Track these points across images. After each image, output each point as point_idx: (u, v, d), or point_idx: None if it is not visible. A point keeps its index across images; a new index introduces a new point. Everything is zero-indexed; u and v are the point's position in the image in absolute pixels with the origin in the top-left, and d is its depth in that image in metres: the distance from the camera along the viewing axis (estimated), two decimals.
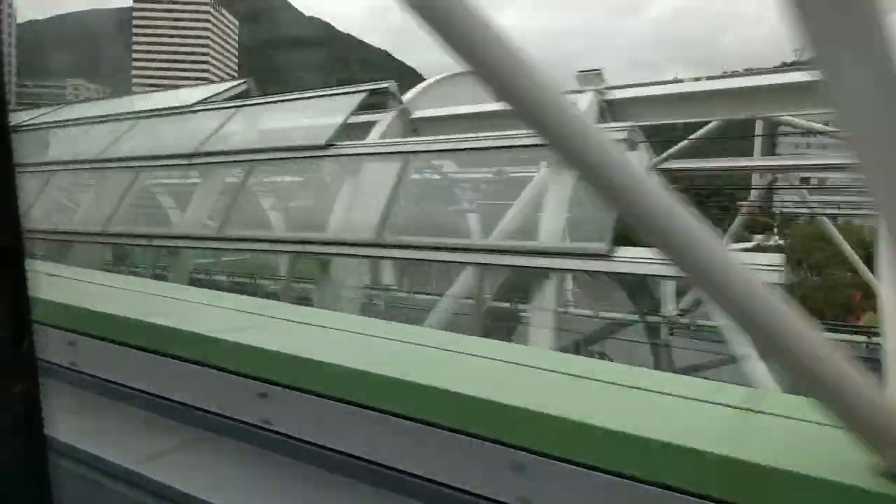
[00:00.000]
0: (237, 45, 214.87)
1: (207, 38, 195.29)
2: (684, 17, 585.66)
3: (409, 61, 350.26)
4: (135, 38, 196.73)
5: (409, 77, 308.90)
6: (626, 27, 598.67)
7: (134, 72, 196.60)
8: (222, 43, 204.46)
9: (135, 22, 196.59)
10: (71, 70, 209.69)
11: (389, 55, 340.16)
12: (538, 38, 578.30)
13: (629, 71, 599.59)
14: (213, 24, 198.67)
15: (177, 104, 11.79)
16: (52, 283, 2.49)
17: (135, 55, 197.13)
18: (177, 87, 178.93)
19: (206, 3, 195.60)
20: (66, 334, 1.95)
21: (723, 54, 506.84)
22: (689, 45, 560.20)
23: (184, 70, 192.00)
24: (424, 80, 12.32)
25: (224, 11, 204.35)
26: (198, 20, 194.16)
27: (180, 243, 9.47)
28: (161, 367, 1.77)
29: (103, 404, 1.86)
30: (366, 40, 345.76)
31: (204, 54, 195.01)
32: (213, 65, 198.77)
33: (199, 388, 1.71)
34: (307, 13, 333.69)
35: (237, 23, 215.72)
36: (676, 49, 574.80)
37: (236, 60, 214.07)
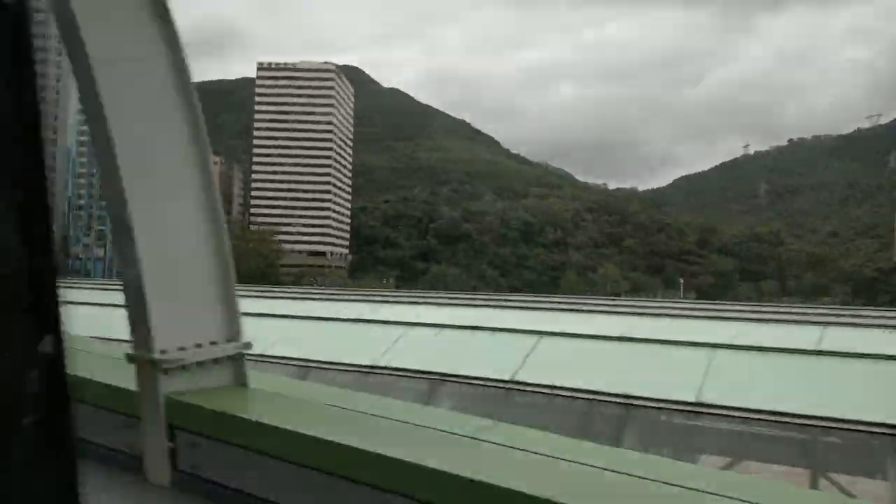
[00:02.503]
0: (353, 112, 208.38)
1: (331, 105, 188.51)
2: (746, 86, 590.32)
3: (486, 130, 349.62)
4: (257, 108, 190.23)
5: (487, 144, 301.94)
6: (684, 97, 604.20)
7: (255, 141, 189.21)
8: (343, 109, 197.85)
9: (258, 90, 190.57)
10: None
11: (468, 123, 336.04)
12: (593, 108, 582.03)
13: (682, 140, 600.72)
14: (337, 93, 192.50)
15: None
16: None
17: (256, 124, 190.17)
18: (301, 155, 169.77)
19: (330, 71, 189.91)
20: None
21: (783, 123, 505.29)
22: (747, 115, 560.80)
23: (307, 139, 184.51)
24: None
25: (345, 79, 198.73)
26: (322, 87, 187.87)
27: None
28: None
29: None
30: (442, 108, 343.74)
31: (328, 122, 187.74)
32: (336, 134, 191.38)
33: None
34: (385, 84, 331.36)
35: (353, 90, 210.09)
36: (734, 118, 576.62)
37: (352, 128, 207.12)
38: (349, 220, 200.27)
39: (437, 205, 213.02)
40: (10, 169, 1.17)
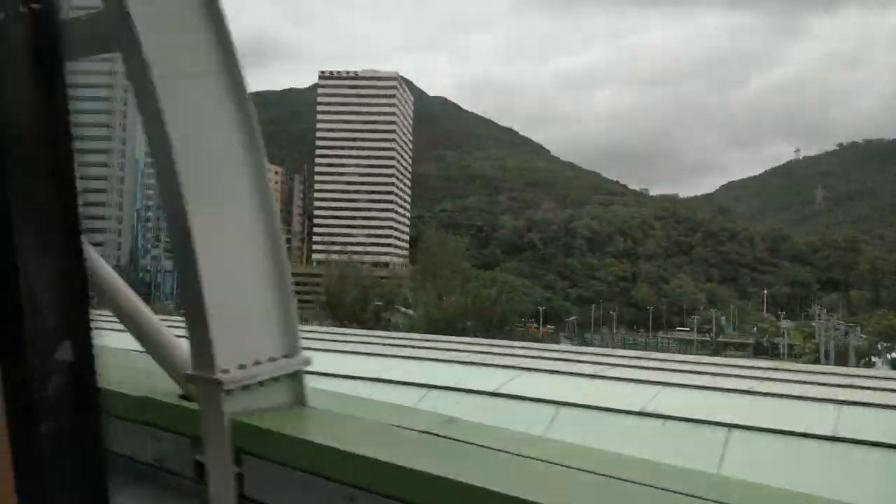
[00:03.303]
0: (413, 120, 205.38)
1: (394, 113, 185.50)
2: (792, 89, 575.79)
3: (538, 137, 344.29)
4: (319, 117, 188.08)
5: (536, 151, 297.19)
6: (728, 101, 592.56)
7: (318, 151, 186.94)
8: (403, 118, 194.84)
9: (319, 99, 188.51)
10: None
11: (514, 131, 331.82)
12: (631, 113, 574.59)
13: (725, 146, 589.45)
14: (399, 101, 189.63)
15: None
16: None
17: (319, 133, 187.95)
18: (364, 164, 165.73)
19: (393, 79, 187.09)
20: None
21: (831, 127, 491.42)
22: (794, 118, 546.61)
23: (371, 148, 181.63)
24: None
25: (406, 87, 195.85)
26: (385, 95, 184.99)
27: None
28: None
29: None
30: (487, 116, 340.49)
31: (391, 130, 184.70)
32: (398, 142, 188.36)
33: None
34: (430, 92, 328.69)
35: (412, 98, 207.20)
36: (780, 122, 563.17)
37: (412, 137, 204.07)
38: (408, 230, 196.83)
39: (495, 214, 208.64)
40: (38, 172, 1.17)
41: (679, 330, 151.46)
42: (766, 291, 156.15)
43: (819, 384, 9.56)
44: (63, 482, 1.22)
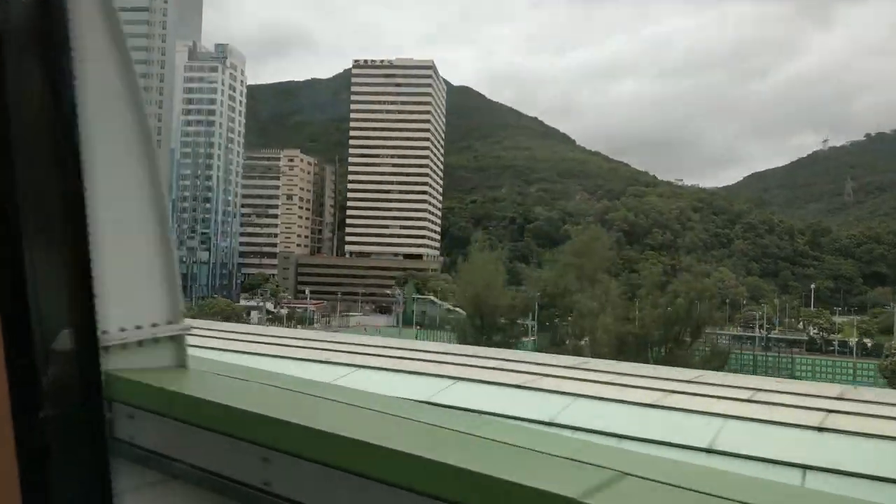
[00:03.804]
0: (445, 111, 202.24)
1: (429, 102, 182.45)
2: (816, 80, 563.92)
3: (564, 128, 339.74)
4: (353, 107, 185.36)
5: (564, 142, 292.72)
6: (751, 92, 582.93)
7: (352, 141, 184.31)
8: (437, 108, 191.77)
9: (353, 88, 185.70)
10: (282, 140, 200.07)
11: (540, 121, 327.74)
12: (654, 104, 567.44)
13: (750, 138, 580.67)
14: (434, 90, 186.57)
15: None
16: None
17: (353, 123, 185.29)
18: (399, 155, 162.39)
19: (429, 68, 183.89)
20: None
21: (856, 118, 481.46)
22: (818, 110, 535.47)
23: (405, 138, 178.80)
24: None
25: (440, 77, 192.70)
26: (420, 84, 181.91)
27: None
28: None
29: None
30: (515, 107, 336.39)
31: (426, 120, 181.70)
32: (432, 132, 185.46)
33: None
34: (455, 83, 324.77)
35: (445, 87, 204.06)
36: (804, 113, 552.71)
37: (444, 127, 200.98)
38: (440, 222, 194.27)
39: (527, 205, 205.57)
40: (42, 163, 1.13)
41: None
42: (813, 286, 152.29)
43: None
44: (65, 466, 1.18)
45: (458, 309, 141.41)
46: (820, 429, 7.20)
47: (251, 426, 1.80)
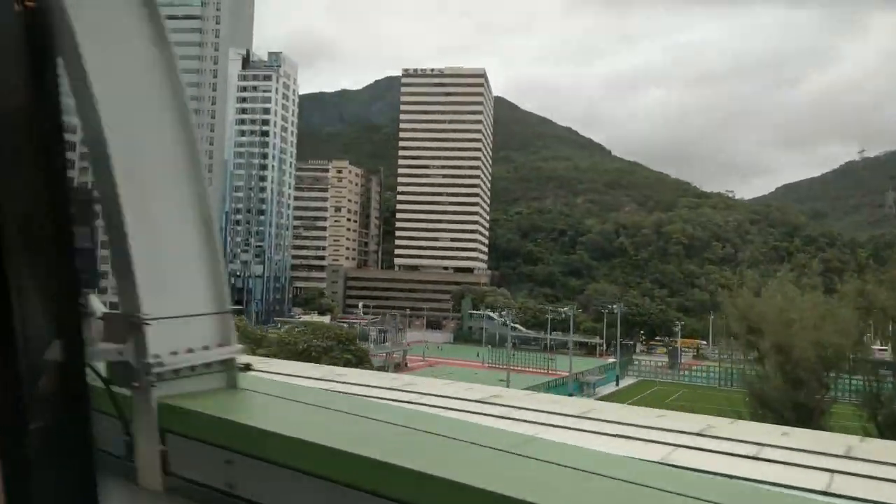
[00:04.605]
0: (493, 121, 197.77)
1: (480, 112, 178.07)
2: (849, 89, 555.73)
3: (596, 137, 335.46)
4: (402, 116, 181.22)
5: (600, 152, 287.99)
6: (781, 101, 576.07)
7: (401, 151, 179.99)
8: (487, 117, 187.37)
9: (403, 98, 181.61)
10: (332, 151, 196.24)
11: (574, 130, 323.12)
12: (682, 113, 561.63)
13: (778, 148, 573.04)
14: (486, 99, 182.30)
15: None
16: None
17: (402, 133, 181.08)
18: (449, 165, 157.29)
19: (480, 76, 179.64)
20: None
21: (891, 128, 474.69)
22: (849, 120, 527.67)
23: (456, 148, 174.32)
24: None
25: (490, 86, 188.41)
26: (472, 93, 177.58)
27: None
28: None
29: None
30: (547, 116, 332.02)
31: (477, 130, 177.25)
32: (483, 142, 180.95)
33: None
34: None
35: (493, 97, 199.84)
36: (833, 123, 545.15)
37: (492, 135, 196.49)
38: (488, 234, 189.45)
39: (576, 216, 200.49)
40: (28, 173, 1.13)
41: None
42: None
43: None
44: (51, 478, 1.18)
45: (518, 326, 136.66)
46: None
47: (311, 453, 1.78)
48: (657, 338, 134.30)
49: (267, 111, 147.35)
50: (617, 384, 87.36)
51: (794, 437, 10.59)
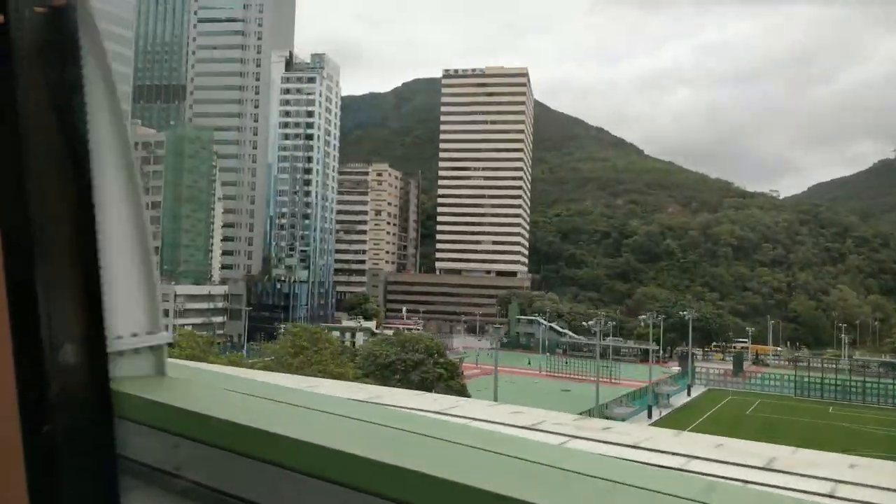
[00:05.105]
0: (533, 123, 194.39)
1: (523, 112, 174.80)
2: (880, 85, 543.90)
3: (627, 137, 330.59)
4: (443, 118, 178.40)
5: (635, 152, 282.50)
6: (810, 99, 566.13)
7: (442, 154, 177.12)
8: (529, 117, 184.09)
9: (444, 99, 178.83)
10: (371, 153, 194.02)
11: (606, 131, 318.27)
12: (708, 112, 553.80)
13: (806, 146, 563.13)
14: (528, 98, 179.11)
15: None
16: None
17: (442, 135, 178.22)
18: (491, 167, 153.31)
19: (523, 76, 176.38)
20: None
21: None
22: (881, 117, 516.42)
23: (497, 150, 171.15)
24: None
25: (532, 86, 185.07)
26: (515, 94, 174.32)
27: None
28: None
29: None
30: (578, 117, 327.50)
31: (520, 131, 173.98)
32: (526, 143, 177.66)
33: None
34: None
35: (534, 97, 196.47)
36: (864, 121, 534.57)
37: (532, 136, 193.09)
38: (528, 237, 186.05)
39: (618, 217, 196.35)
40: (54, 176, 1.13)
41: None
42: None
43: None
44: (73, 480, 1.18)
45: (568, 331, 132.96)
46: None
47: (242, 436, 1.79)
48: (714, 344, 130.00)
49: (311, 114, 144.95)
50: (689, 394, 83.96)
51: None
